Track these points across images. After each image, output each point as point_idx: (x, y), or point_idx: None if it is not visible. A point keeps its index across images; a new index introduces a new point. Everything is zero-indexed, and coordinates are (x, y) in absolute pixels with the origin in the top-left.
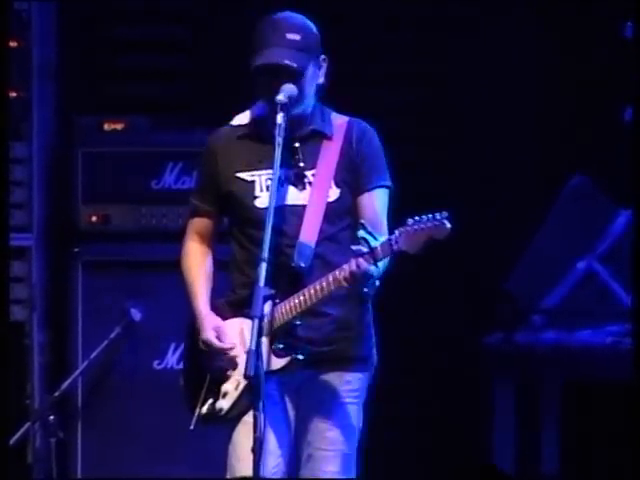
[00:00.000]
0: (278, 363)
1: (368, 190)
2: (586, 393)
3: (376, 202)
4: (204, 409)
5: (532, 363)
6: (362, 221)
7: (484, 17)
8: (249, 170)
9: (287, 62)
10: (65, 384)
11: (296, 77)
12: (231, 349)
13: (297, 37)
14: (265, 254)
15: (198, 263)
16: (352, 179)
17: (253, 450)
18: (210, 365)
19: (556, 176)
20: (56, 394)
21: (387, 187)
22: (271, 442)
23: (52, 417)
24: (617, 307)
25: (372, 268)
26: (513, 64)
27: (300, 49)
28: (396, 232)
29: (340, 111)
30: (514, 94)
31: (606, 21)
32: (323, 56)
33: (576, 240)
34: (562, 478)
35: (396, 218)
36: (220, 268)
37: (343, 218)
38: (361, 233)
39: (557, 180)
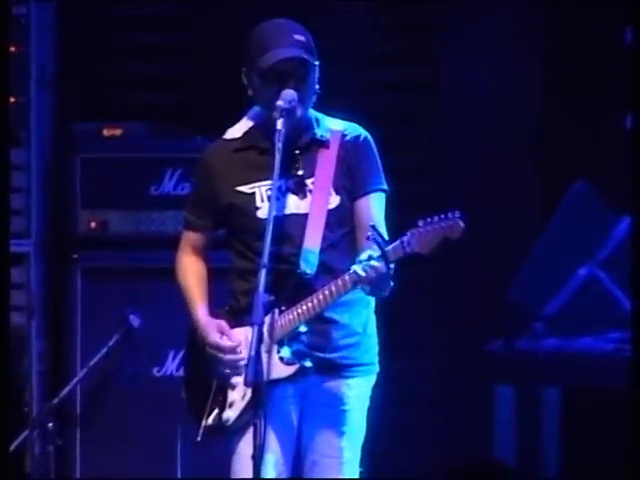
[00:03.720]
0: (286, 371)
1: (364, 194)
2: (587, 400)
3: (373, 206)
4: (210, 420)
5: (533, 370)
6: (372, 223)
7: (484, 17)
8: (248, 183)
9: (304, 55)
10: (64, 391)
11: (303, 78)
12: (238, 346)
13: (303, 38)
14: (265, 260)
15: (193, 274)
16: (350, 185)
17: (253, 457)
18: (216, 371)
19: (558, 183)
20: (55, 401)
21: (383, 191)
22: (275, 450)
23: (51, 424)
24: (619, 314)
25: (385, 271)
26: (515, 67)
27: (307, 50)
28: (408, 233)
29: (334, 116)
30: (516, 99)
31: (608, 26)
32: (317, 62)
33: (578, 247)
34: None
35: (397, 223)
36: (213, 275)
37: (344, 224)
38: (371, 235)
39: (559, 187)
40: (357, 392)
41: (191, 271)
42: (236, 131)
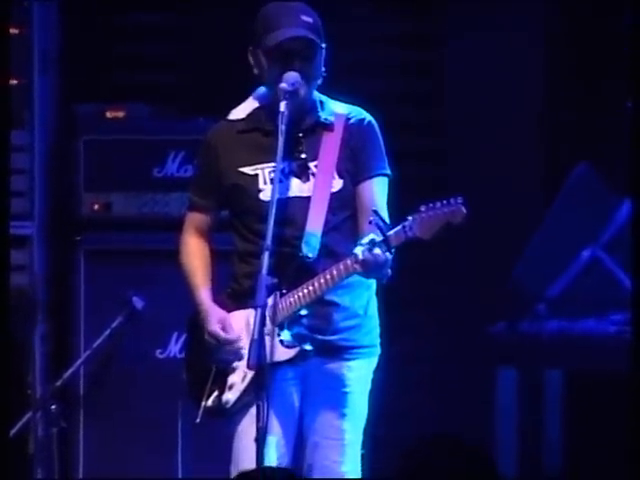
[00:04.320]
0: (286, 354)
1: (367, 178)
2: (590, 382)
3: (375, 190)
4: (209, 402)
5: (536, 353)
6: (374, 208)
7: (486, 10)
8: (251, 164)
9: (311, 36)
10: (67, 373)
11: (309, 59)
12: (238, 340)
13: (310, 20)
14: (268, 242)
15: (197, 256)
16: (353, 168)
17: (256, 440)
18: (216, 358)
19: (561, 165)
20: (58, 383)
21: (386, 175)
22: (276, 432)
23: (54, 406)
24: (621, 296)
25: (387, 255)
26: (517, 55)
27: (314, 31)
28: (409, 218)
29: (338, 99)
30: (517, 85)
31: (609, 14)
32: (324, 45)
33: (581, 229)
34: (565, 466)
35: (399, 207)
36: (217, 258)
37: (346, 208)
38: (374, 220)
39: (562, 169)
40: (358, 374)
41: (195, 253)
42: (240, 112)
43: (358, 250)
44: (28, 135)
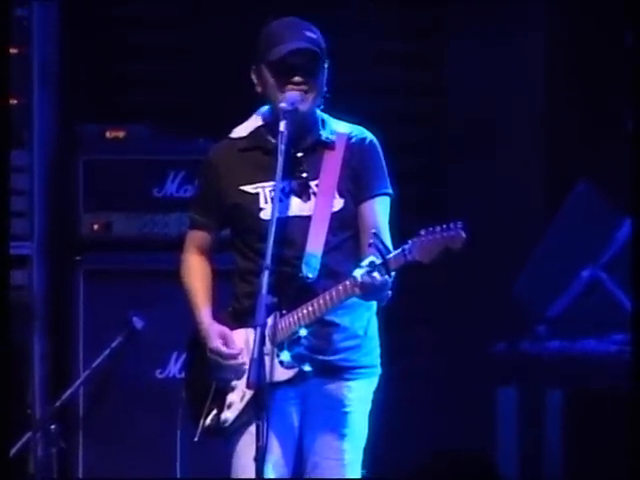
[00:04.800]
0: (285, 374)
1: (369, 198)
2: (590, 402)
3: (377, 209)
4: (208, 420)
5: (536, 372)
6: (374, 230)
7: (489, 20)
8: (252, 183)
9: (314, 49)
10: (66, 393)
11: (312, 73)
12: (240, 354)
13: (314, 35)
14: (268, 262)
15: (198, 275)
16: (354, 188)
17: (256, 459)
18: (217, 375)
19: (561, 184)
20: (57, 403)
21: (388, 195)
22: (276, 452)
23: (53, 426)
24: (621, 316)
25: (386, 278)
26: (518, 73)
27: (317, 46)
28: (409, 242)
29: (340, 118)
30: (519, 103)
31: (612, 30)
32: (327, 63)
33: (581, 248)
34: None
35: (400, 227)
36: (219, 277)
37: (347, 228)
38: (373, 243)
39: (562, 188)
40: (358, 394)
41: (196, 272)
42: (242, 130)
43: (357, 273)
44: (28, 155)
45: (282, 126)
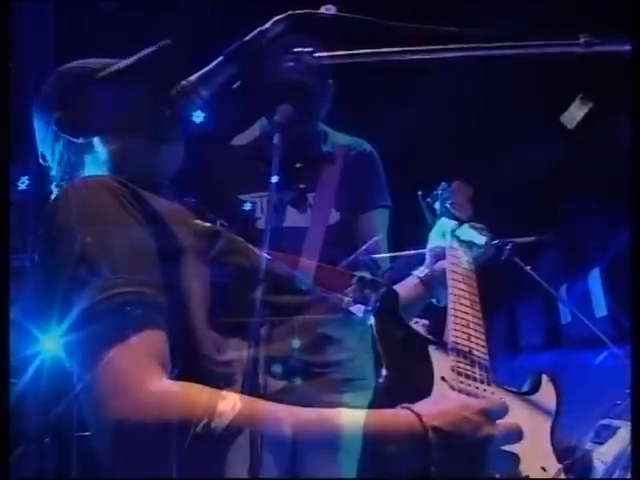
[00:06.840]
0: (276, 386)
1: (368, 210)
2: None
3: (375, 222)
4: (199, 428)
5: None
6: (365, 247)
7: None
8: (250, 192)
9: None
10: (61, 406)
11: (306, 92)
12: (232, 361)
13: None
14: (261, 275)
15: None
16: (353, 200)
17: (249, 470)
18: (208, 384)
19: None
20: (51, 416)
21: (387, 207)
22: (268, 463)
23: (47, 440)
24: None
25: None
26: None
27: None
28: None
29: (339, 130)
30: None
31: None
32: (331, 80)
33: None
34: None
35: (397, 237)
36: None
37: (344, 241)
38: (365, 259)
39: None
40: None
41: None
42: (243, 138)
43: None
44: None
45: (276, 139)
